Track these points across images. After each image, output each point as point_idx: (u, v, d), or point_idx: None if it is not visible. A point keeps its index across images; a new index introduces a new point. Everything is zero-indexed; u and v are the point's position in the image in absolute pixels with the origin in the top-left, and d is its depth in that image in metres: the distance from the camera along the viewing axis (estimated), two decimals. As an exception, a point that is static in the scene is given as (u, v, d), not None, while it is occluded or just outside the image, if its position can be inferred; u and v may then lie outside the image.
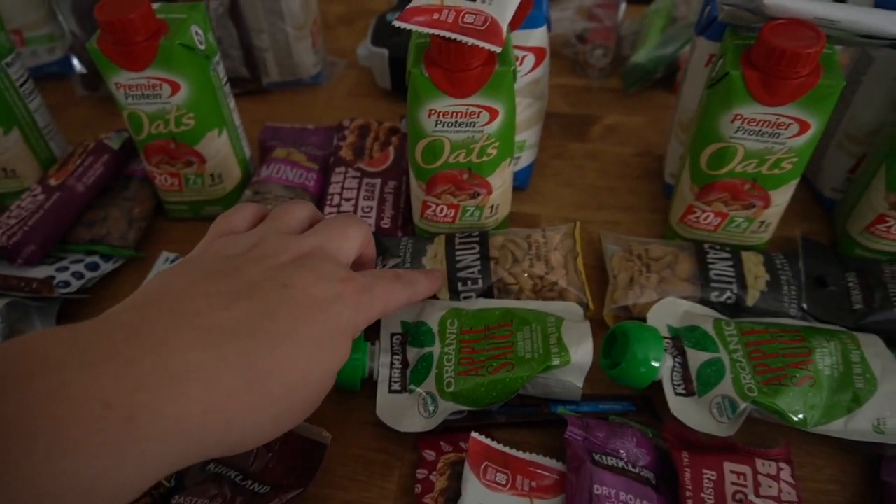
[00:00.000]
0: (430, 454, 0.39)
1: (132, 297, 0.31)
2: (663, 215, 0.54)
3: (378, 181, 0.54)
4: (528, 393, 0.42)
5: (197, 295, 0.30)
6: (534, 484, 0.37)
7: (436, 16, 0.37)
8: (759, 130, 0.41)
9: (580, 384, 0.40)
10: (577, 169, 0.60)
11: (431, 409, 0.40)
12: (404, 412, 0.41)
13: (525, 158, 0.55)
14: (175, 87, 0.45)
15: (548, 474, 0.37)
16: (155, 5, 0.45)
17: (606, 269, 0.49)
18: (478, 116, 0.42)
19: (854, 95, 0.49)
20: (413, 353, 0.42)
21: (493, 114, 0.42)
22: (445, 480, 0.37)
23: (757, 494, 0.36)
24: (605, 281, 0.49)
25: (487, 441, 0.38)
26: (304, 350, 0.31)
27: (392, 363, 0.42)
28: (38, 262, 0.49)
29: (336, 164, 0.56)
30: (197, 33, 0.46)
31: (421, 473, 0.38)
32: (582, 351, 0.39)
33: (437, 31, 0.36)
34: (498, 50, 0.37)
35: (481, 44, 0.36)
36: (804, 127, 0.40)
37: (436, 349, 0.42)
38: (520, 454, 0.38)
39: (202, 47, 0.46)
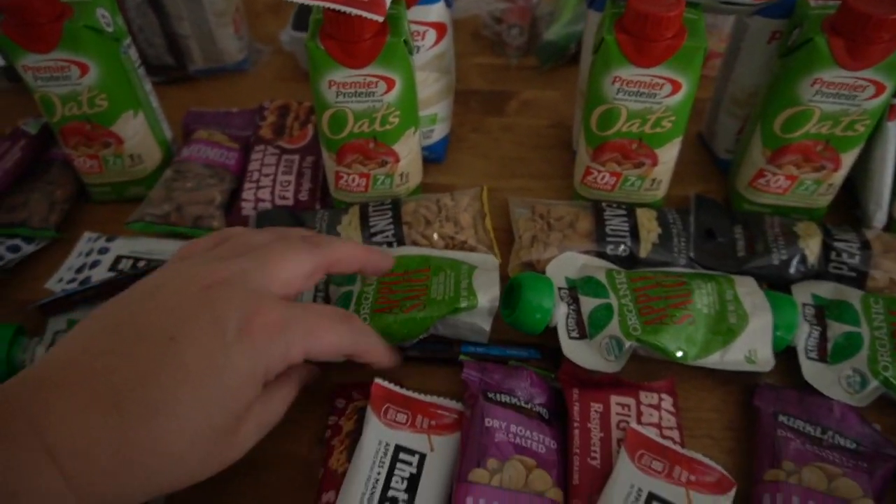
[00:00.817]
0: (341, 402, 0.41)
1: (46, 355, 0.30)
2: (571, 181, 0.57)
3: (297, 157, 0.56)
4: (439, 333, 0.44)
5: (87, 357, 0.29)
6: (433, 422, 0.39)
7: (324, -11, 0.39)
8: (637, 91, 0.44)
9: (487, 327, 0.43)
10: (493, 141, 0.63)
11: None
12: None
13: (438, 132, 0.58)
14: (84, 69, 0.47)
15: (447, 413, 0.40)
16: (60, -11, 0.46)
17: (513, 232, 0.51)
18: (375, 86, 0.44)
19: (735, 61, 0.53)
20: (333, 291, 0.45)
21: (390, 83, 0.44)
22: (352, 424, 0.39)
23: (639, 422, 0.39)
24: (513, 242, 0.51)
25: (390, 386, 0.40)
26: (187, 420, 0.28)
27: (315, 298, 0.45)
28: (-43, 247, 0.50)
29: (256, 143, 0.57)
30: (103, 16, 0.47)
31: (332, 420, 0.40)
32: (489, 296, 0.42)
33: (322, 4, 0.39)
34: (379, 19, 0.39)
35: (364, 14, 0.38)
36: (676, 86, 0.44)
37: (356, 288, 0.44)
38: (421, 396, 0.40)
39: (109, 29, 0.47)
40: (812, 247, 0.47)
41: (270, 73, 0.72)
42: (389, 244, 0.49)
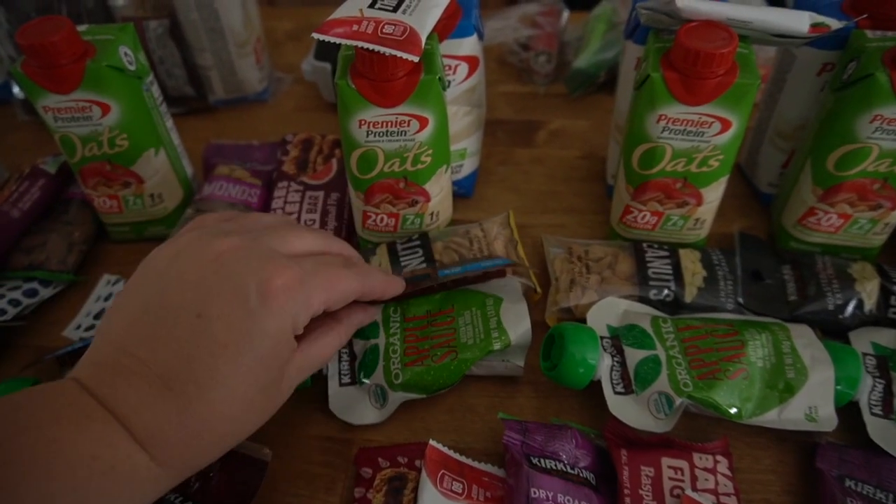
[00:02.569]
0: (366, 471, 0.38)
1: (93, 346, 0.33)
2: (606, 216, 0.54)
3: (321, 193, 0.54)
4: (472, 373, 0.43)
5: (130, 345, 0.31)
6: (489, 494, 0.37)
7: (355, 27, 0.37)
8: (684, 130, 0.42)
9: (521, 363, 0.42)
10: (523, 174, 0.60)
11: (382, 401, 0.41)
12: (356, 404, 0.41)
13: (468, 166, 0.56)
14: (105, 109, 0.45)
15: (500, 484, 0.37)
16: (81, 28, 0.45)
17: (548, 272, 0.49)
18: (408, 125, 0.42)
19: (780, 93, 0.50)
20: (359, 346, 0.43)
21: (423, 122, 0.42)
22: (382, 497, 0.37)
23: (694, 488, 0.36)
24: (547, 279, 0.49)
25: (445, 449, 0.38)
26: (235, 386, 0.31)
27: (340, 356, 0.43)
28: (-26, 291, 0.48)
29: (279, 179, 0.55)
30: (126, 54, 0.46)
31: (358, 492, 0.38)
32: (520, 331, 0.41)
33: (355, 43, 0.37)
34: (416, 59, 0.37)
35: (399, 53, 0.36)
36: (726, 125, 0.41)
37: (381, 340, 0.42)
38: (475, 464, 0.38)
39: (132, 68, 0.46)
40: (870, 290, 0.44)
41: (292, 103, 0.71)
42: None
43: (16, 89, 0.68)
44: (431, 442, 0.38)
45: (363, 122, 0.42)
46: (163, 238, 0.51)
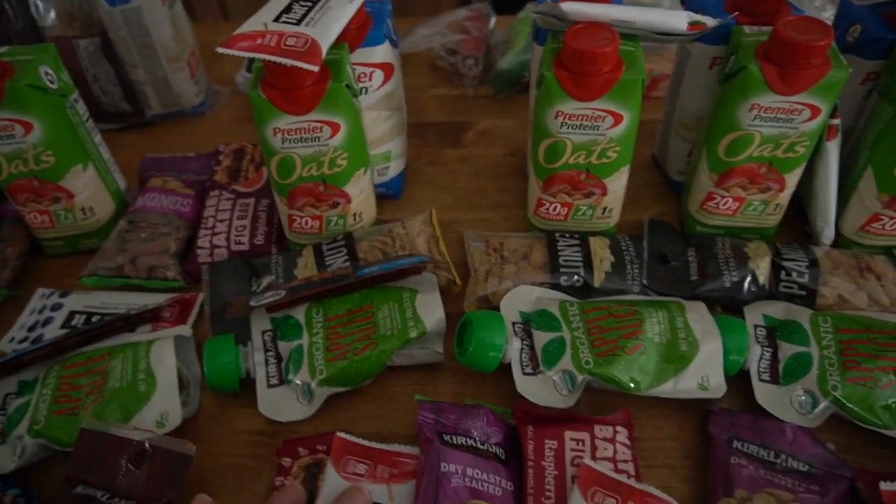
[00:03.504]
0: (286, 461, 0.40)
1: None
2: (527, 211, 0.57)
3: (252, 200, 0.56)
4: (394, 364, 0.45)
5: None
6: (394, 471, 0.39)
7: (259, 41, 0.40)
8: (580, 125, 0.45)
9: (440, 349, 0.44)
10: (451, 174, 0.63)
11: (309, 397, 0.43)
12: (284, 403, 0.43)
13: (394, 168, 0.58)
14: (28, 127, 0.47)
15: (409, 461, 0.40)
16: (1, 49, 0.46)
17: (468, 265, 0.52)
18: (320, 131, 0.45)
19: (680, 86, 0.54)
20: (284, 347, 0.44)
21: (335, 127, 0.45)
22: (299, 483, 0.39)
23: (593, 457, 0.39)
24: (469, 276, 0.52)
25: (352, 438, 0.40)
26: None
27: (267, 360, 0.44)
28: None
29: (211, 188, 0.57)
30: (47, 73, 0.47)
31: (278, 480, 0.40)
32: (435, 319, 0.44)
33: (257, 55, 0.39)
34: (315, 69, 0.39)
35: (300, 64, 0.39)
36: (618, 118, 0.44)
37: (304, 340, 0.44)
38: (384, 446, 0.40)
39: (54, 87, 0.47)
40: (762, 267, 0.48)
41: (229, 114, 0.73)
42: (345, 284, 0.49)
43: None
44: (338, 433, 0.40)
45: (277, 130, 0.44)
46: (97, 251, 0.53)
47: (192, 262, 0.53)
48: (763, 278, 0.48)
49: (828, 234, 0.50)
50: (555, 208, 0.51)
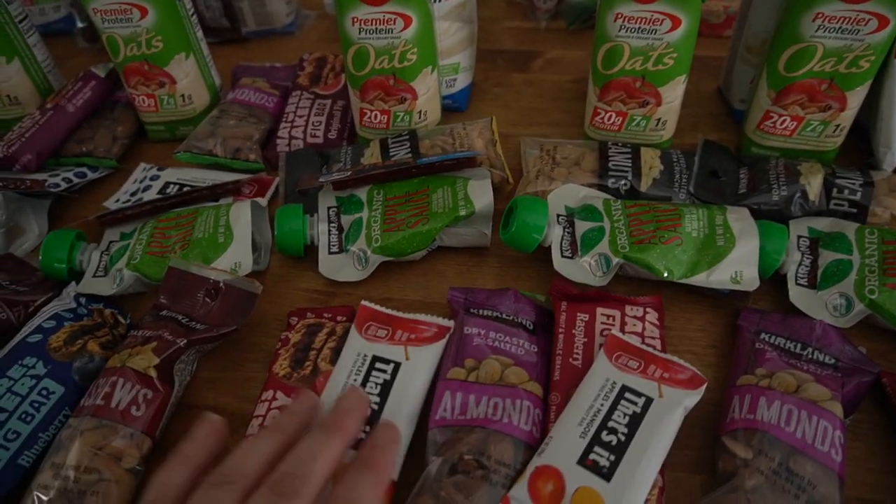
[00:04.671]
0: (293, 320, 0.45)
1: None
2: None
3: (329, 101, 0.61)
4: (445, 244, 0.49)
5: None
6: (412, 336, 0.41)
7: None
8: (638, 28, 0.47)
9: (488, 231, 0.47)
10: (516, 94, 0.66)
11: (364, 262, 0.47)
12: (342, 268, 0.48)
13: (461, 81, 0.62)
14: (143, 12, 0.53)
15: (427, 328, 0.42)
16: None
17: (523, 169, 0.54)
18: (394, 23, 0.48)
19: (749, 9, 0.54)
20: (346, 220, 0.49)
21: (407, 20, 0.48)
22: (299, 336, 0.43)
23: (622, 331, 0.42)
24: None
25: (376, 307, 0.43)
26: None
27: (329, 230, 0.49)
28: (35, 171, 0.57)
29: (293, 89, 0.63)
30: (162, -36, 0.53)
31: (284, 335, 0.44)
32: (484, 201, 0.47)
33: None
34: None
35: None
36: (676, 22, 0.46)
37: (364, 214, 0.49)
38: (404, 315, 0.43)
39: (168, -24, 0.54)
40: (813, 184, 0.48)
41: (315, 35, 0.78)
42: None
43: (77, 20, 0.77)
44: (363, 302, 0.43)
45: (356, 20, 0.49)
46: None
47: (271, 150, 0.58)
48: (813, 195, 0.48)
49: (890, 160, 0.50)
50: (609, 117, 0.53)
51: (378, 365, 0.40)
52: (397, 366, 0.40)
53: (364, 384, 0.39)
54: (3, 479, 0.37)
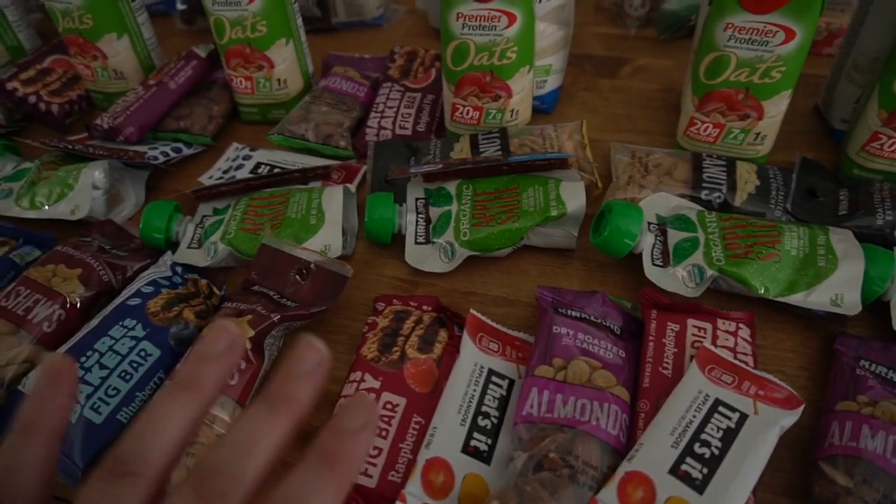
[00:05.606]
0: (380, 305, 0.45)
1: None
2: (675, 139, 0.58)
3: (419, 95, 0.62)
4: (531, 243, 0.48)
5: None
6: (520, 354, 0.42)
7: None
8: (749, 38, 0.46)
9: (576, 232, 0.47)
10: (603, 100, 0.65)
11: (450, 254, 0.47)
12: (427, 258, 0.48)
13: (551, 83, 0.61)
14: (253, -3, 0.55)
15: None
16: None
17: (612, 175, 0.54)
18: (498, 20, 0.49)
19: (861, 26, 0.52)
20: (434, 212, 0.50)
21: (512, 18, 0.49)
22: (387, 321, 0.43)
23: (714, 344, 0.41)
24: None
25: (483, 318, 0.43)
26: None
27: (417, 221, 0.50)
28: (136, 143, 0.60)
29: (384, 81, 0.64)
30: (273, -47, 0.55)
31: (371, 319, 0.44)
32: (576, 203, 0.46)
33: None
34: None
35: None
36: (790, 34, 0.45)
37: (454, 207, 0.49)
38: (509, 330, 0.43)
39: (277, -36, 0.55)
40: (922, 211, 0.46)
41: (403, 29, 0.79)
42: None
43: (177, 2, 0.80)
44: (472, 311, 0.43)
45: (460, 15, 0.49)
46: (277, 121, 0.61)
47: (360, 138, 0.60)
48: (920, 222, 0.46)
49: None
50: (706, 129, 0.52)
51: (494, 379, 0.40)
52: (511, 382, 0.40)
53: (482, 396, 0.39)
54: (103, 432, 0.39)
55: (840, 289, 0.42)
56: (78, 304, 0.45)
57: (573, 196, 0.47)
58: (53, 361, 0.24)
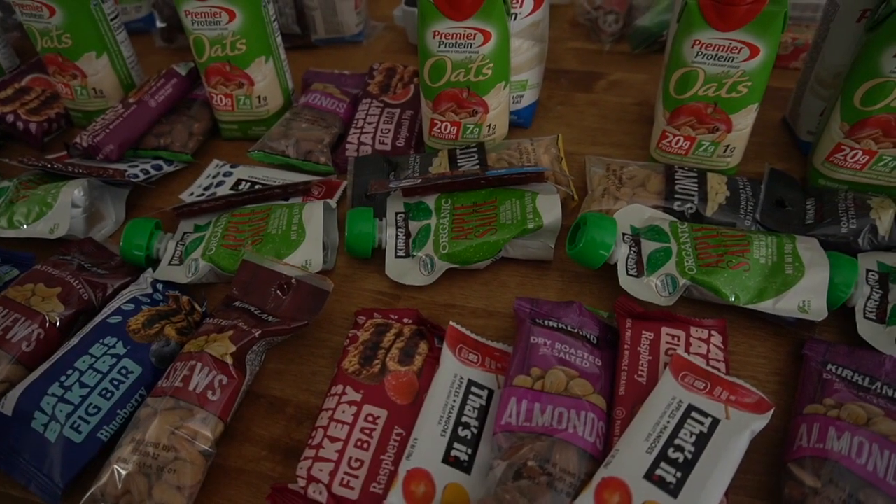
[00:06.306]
0: (361, 318, 0.46)
1: None
2: (649, 151, 0.60)
3: (397, 111, 0.63)
4: (509, 255, 0.49)
5: None
6: (499, 365, 0.43)
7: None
8: (715, 55, 0.47)
9: (552, 244, 0.48)
10: (578, 113, 0.67)
11: (430, 267, 0.48)
12: (408, 272, 0.49)
13: (528, 98, 0.63)
14: (231, 15, 0.55)
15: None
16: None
17: (587, 187, 0.55)
18: (473, 38, 0.50)
19: (823, 42, 0.54)
20: (414, 226, 0.50)
21: (487, 36, 0.50)
22: (367, 335, 0.44)
23: (687, 351, 0.42)
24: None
25: (463, 329, 0.44)
26: None
27: (397, 235, 0.50)
28: (116, 161, 0.60)
29: (363, 97, 0.65)
30: (252, -28, 0.56)
31: (352, 333, 0.45)
32: (552, 216, 0.47)
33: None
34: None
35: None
36: (754, 51, 0.46)
37: (433, 221, 0.50)
38: (489, 342, 0.44)
39: (255, -16, 0.56)
40: (884, 219, 0.48)
41: (381, 45, 0.80)
42: (472, 186, 0.54)
43: (157, 20, 0.81)
44: (452, 324, 0.44)
45: (437, 34, 0.50)
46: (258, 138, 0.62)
47: (340, 154, 0.60)
48: (883, 230, 0.48)
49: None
50: (677, 141, 0.54)
51: (474, 389, 0.41)
52: (491, 392, 0.41)
53: (462, 407, 0.40)
54: (84, 450, 0.39)
55: (807, 295, 0.43)
56: (58, 324, 0.45)
57: (549, 209, 0.48)
58: None
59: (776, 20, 0.45)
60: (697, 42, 0.47)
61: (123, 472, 0.37)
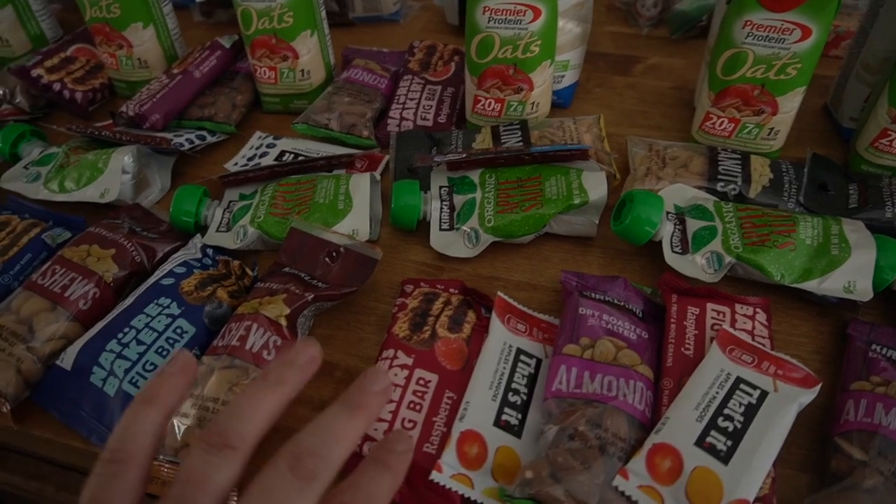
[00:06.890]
0: (409, 287, 0.46)
1: None
2: (688, 135, 0.60)
3: (439, 87, 0.63)
4: (553, 231, 0.50)
5: None
6: (546, 335, 0.44)
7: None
8: (767, 36, 0.47)
9: (596, 220, 0.49)
10: (617, 96, 0.67)
11: (475, 240, 0.49)
12: (452, 244, 0.50)
13: (568, 78, 0.63)
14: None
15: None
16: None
17: (629, 167, 0.56)
18: (523, 14, 0.50)
19: (871, 27, 0.54)
20: (458, 200, 0.51)
21: (537, 12, 0.50)
22: (416, 302, 0.45)
23: (732, 327, 0.42)
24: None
25: (511, 301, 0.45)
26: None
27: (441, 208, 0.51)
28: (161, 130, 0.61)
29: (404, 73, 0.65)
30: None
31: (399, 301, 0.46)
32: (598, 192, 0.48)
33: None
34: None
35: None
36: (806, 32, 0.47)
37: (478, 195, 0.50)
38: (535, 313, 0.45)
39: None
40: (929, 204, 0.48)
41: (419, 24, 0.81)
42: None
43: (196, -6, 0.81)
44: (500, 294, 0.45)
45: (487, 9, 0.51)
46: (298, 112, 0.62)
47: (382, 129, 0.61)
48: (928, 215, 0.48)
49: None
50: (721, 123, 0.54)
51: (523, 358, 0.42)
52: (539, 361, 0.42)
53: (511, 374, 0.41)
54: (142, 404, 0.40)
55: (853, 276, 0.44)
56: (112, 283, 0.46)
57: (595, 185, 0.49)
58: (183, 353, 0.29)
59: (830, 2, 0.45)
60: (749, 23, 0.47)
61: (183, 427, 0.38)
